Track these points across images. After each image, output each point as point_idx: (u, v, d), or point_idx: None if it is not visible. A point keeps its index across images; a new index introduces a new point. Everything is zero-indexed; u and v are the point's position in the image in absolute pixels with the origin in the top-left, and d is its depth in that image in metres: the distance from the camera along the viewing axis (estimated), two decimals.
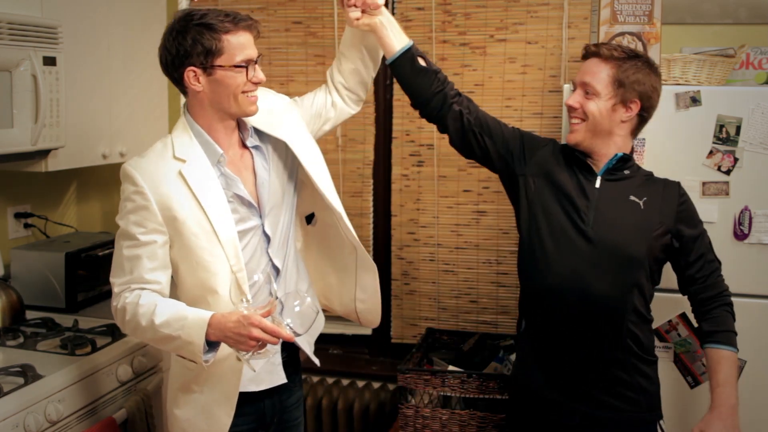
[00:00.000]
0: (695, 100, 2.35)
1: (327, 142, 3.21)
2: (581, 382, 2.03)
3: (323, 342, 3.33)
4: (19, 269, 2.79)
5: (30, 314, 2.66)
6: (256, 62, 1.87)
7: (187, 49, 1.81)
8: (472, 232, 3.13)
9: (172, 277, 1.93)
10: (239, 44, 1.83)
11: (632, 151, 2.12)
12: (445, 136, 3.06)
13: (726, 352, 2.01)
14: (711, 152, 2.36)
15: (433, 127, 3.08)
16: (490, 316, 3.15)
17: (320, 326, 2.23)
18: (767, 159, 2.33)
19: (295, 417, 2.16)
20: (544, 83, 2.98)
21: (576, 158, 2.10)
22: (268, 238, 1.98)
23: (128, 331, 1.89)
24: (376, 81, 3.15)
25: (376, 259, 3.23)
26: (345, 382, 3.27)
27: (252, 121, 1.98)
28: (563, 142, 2.46)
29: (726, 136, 2.34)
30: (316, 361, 2.13)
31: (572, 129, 2.07)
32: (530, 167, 2.14)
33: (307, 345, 2.12)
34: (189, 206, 1.85)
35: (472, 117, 2.20)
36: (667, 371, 2.23)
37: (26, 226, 2.95)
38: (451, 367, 2.76)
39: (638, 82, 1.99)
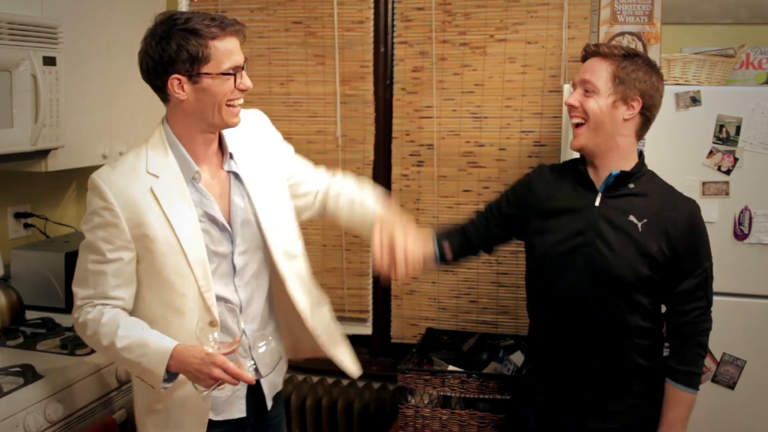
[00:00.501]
0: (695, 100, 2.35)
1: (327, 143, 3.21)
2: (590, 400, 2.01)
3: None
4: (19, 269, 2.79)
5: (30, 314, 2.66)
6: (243, 68, 1.79)
7: (171, 55, 1.71)
8: None
9: None
10: (227, 50, 1.74)
11: (642, 157, 2.03)
12: (445, 135, 3.09)
13: (685, 394, 1.98)
14: (711, 152, 2.36)
15: (434, 127, 3.11)
16: (490, 316, 3.15)
17: (283, 370, 2.14)
18: (767, 159, 2.33)
19: (273, 416, 2.10)
20: (544, 83, 2.98)
21: (577, 174, 2.05)
22: (234, 268, 1.90)
23: (90, 345, 1.87)
24: (375, 81, 3.15)
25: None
26: (345, 382, 3.27)
27: (232, 146, 1.91)
28: (562, 143, 2.47)
29: (726, 136, 2.34)
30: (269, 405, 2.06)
31: (575, 134, 2.01)
32: (528, 210, 2.11)
33: (268, 387, 2.04)
34: (159, 225, 1.78)
35: (483, 233, 2.22)
36: None
37: (26, 226, 2.95)
38: (451, 367, 2.76)
39: (639, 80, 1.95)
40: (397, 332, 3.27)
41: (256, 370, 1.83)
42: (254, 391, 1.99)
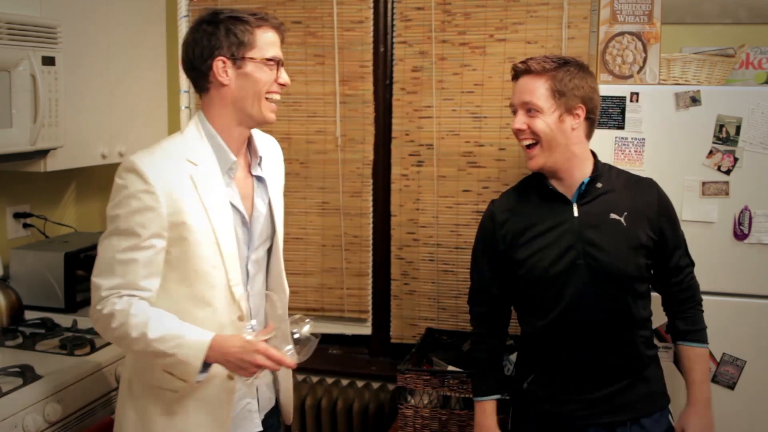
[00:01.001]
0: (695, 100, 2.35)
1: (327, 142, 3.21)
2: (602, 398, 2.02)
3: (323, 342, 3.32)
4: (18, 269, 2.79)
5: (29, 314, 2.66)
6: (282, 64, 1.84)
7: (219, 39, 1.77)
8: (471, 232, 3.11)
9: None
10: (269, 40, 1.81)
11: (595, 157, 2.07)
12: (445, 135, 3.09)
13: (701, 349, 2.09)
14: (711, 152, 2.35)
15: (433, 127, 3.11)
16: None
17: (278, 387, 2.12)
18: (767, 159, 2.33)
19: (270, 424, 2.06)
20: None
21: (544, 191, 2.05)
22: (248, 274, 1.90)
23: (111, 339, 1.78)
24: (375, 81, 3.15)
25: (375, 258, 3.25)
26: (344, 382, 3.26)
27: (261, 151, 1.95)
28: None
29: (726, 136, 2.33)
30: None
31: (529, 155, 2.01)
32: (509, 249, 2.08)
33: (263, 400, 2.03)
34: (196, 213, 1.76)
35: (497, 315, 2.21)
36: (667, 371, 2.22)
37: (25, 226, 2.94)
38: (450, 367, 2.76)
39: (577, 87, 1.96)
40: (396, 332, 3.27)
41: (297, 353, 1.80)
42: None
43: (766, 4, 2.74)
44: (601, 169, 2.06)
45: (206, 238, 1.78)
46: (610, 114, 2.39)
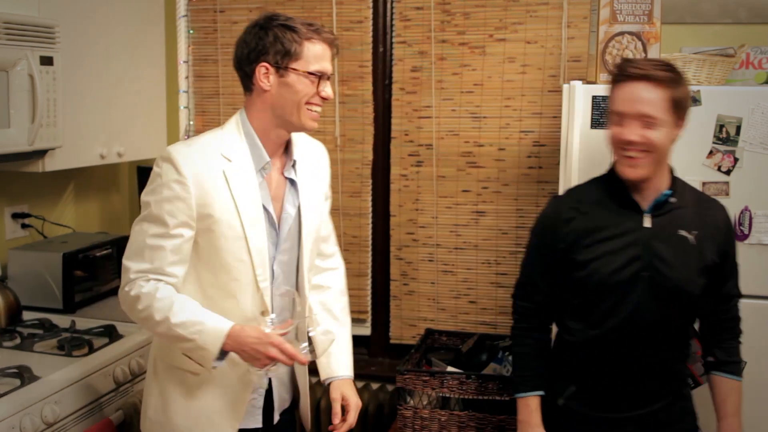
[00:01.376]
0: (695, 100, 2.34)
1: (326, 143, 3.14)
2: (647, 416, 1.98)
3: None
4: (16, 270, 2.78)
5: (27, 315, 2.65)
6: (328, 78, 1.85)
7: (266, 44, 1.79)
8: (471, 233, 3.12)
9: None
10: (317, 54, 1.81)
11: (672, 169, 2.00)
12: (444, 136, 3.08)
13: (736, 382, 2.06)
14: (711, 152, 2.35)
15: (432, 127, 3.11)
16: (489, 317, 3.14)
17: (297, 387, 2.16)
18: (767, 159, 2.32)
19: (281, 430, 2.09)
20: (543, 83, 2.97)
21: (619, 197, 1.96)
22: (273, 274, 1.92)
23: (137, 320, 1.84)
24: (374, 81, 3.15)
25: (374, 259, 3.24)
26: None
27: (296, 154, 1.95)
28: (562, 143, 2.45)
29: (726, 136, 2.33)
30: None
31: (633, 164, 1.87)
32: (569, 246, 1.97)
33: (278, 401, 2.06)
34: (226, 207, 1.81)
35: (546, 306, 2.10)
36: None
37: (24, 226, 2.94)
38: (449, 368, 2.75)
39: (686, 97, 1.88)
40: (396, 333, 3.26)
41: (311, 352, 1.83)
42: (266, 404, 2.01)
43: (766, 4, 2.74)
44: (677, 183, 1.98)
45: (233, 232, 1.82)
46: None
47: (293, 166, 1.95)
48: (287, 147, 1.95)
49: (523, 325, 2.11)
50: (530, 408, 2.06)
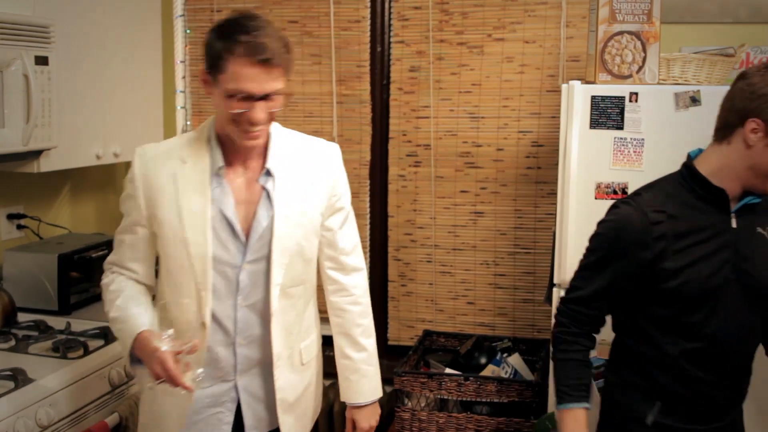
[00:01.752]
0: (695, 100, 2.33)
1: None
2: (729, 423, 1.90)
3: None
4: (11, 271, 2.76)
5: (22, 316, 2.63)
6: (260, 98, 1.66)
7: (205, 47, 1.72)
8: (469, 233, 3.11)
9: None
10: (237, 73, 1.64)
11: None
12: (442, 136, 3.07)
13: None
14: None
15: (430, 128, 3.09)
16: (488, 318, 3.13)
17: (281, 406, 1.94)
18: None
19: None
20: (542, 83, 2.96)
21: (709, 195, 1.80)
22: (238, 284, 1.82)
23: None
24: (372, 81, 3.13)
25: (372, 260, 3.22)
26: None
27: (276, 163, 1.83)
28: (560, 143, 2.43)
29: None
30: None
31: None
32: (658, 253, 1.78)
33: (253, 418, 1.92)
34: (170, 209, 1.78)
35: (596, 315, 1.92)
36: None
37: (19, 227, 2.92)
38: (447, 370, 2.74)
39: None
40: (393, 334, 3.25)
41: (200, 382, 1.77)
42: (238, 422, 1.92)
43: (765, 3, 2.72)
44: None
45: (175, 235, 1.79)
46: (609, 114, 2.37)
47: (269, 173, 1.82)
48: (267, 151, 1.84)
49: (574, 330, 1.89)
50: (579, 422, 1.85)
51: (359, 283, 2.04)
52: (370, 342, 2.09)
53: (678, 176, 1.87)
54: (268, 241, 1.82)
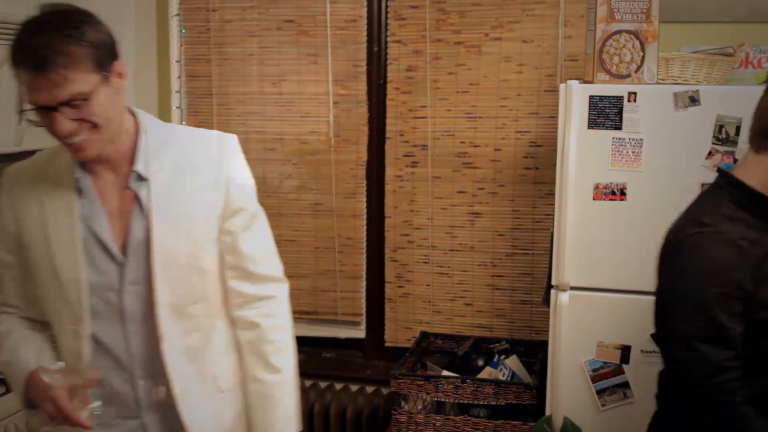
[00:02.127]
0: (694, 100, 2.31)
1: (320, 143, 3.17)
2: None
3: (316, 345, 3.30)
4: None
5: None
6: (53, 109, 1.41)
7: None
8: (466, 234, 3.09)
9: None
10: (23, 83, 1.43)
11: None
12: (439, 136, 3.05)
13: None
14: (710, 153, 2.32)
15: (427, 128, 3.07)
16: (485, 320, 3.11)
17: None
18: None
19: None
20: (540, 82, 2.94)
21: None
22: (123, 309, 1.59)
23: None
24: (369, 80, 3.11)
25: (369, 261, 3.21)
26: (338, 386, 3.23)
27: (140, 163, 1.57)
28: (559, 143, 2.42)
29: (725, 136, 2.30)
30: None
31: None
32: (756, 283, 1.56)
33: None
34: (36, 231, 1.57)
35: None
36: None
37: None
38: (445, 372, 2.72)
39: None
40: (390, 335, 3.23)
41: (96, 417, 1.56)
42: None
43: (765, 3, 2.71)
44: None
45: (43, 261, 1.57)
46: (607, 114, 2.35)
47: (140, 177, 1.57)
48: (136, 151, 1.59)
49: (738, 399, 1.55)
50: None
51: (274, 293, 1.73)
52: (287, 363, 1.74)
53: (728, 196, 1.66)
54: (147, 255, 1.57)
